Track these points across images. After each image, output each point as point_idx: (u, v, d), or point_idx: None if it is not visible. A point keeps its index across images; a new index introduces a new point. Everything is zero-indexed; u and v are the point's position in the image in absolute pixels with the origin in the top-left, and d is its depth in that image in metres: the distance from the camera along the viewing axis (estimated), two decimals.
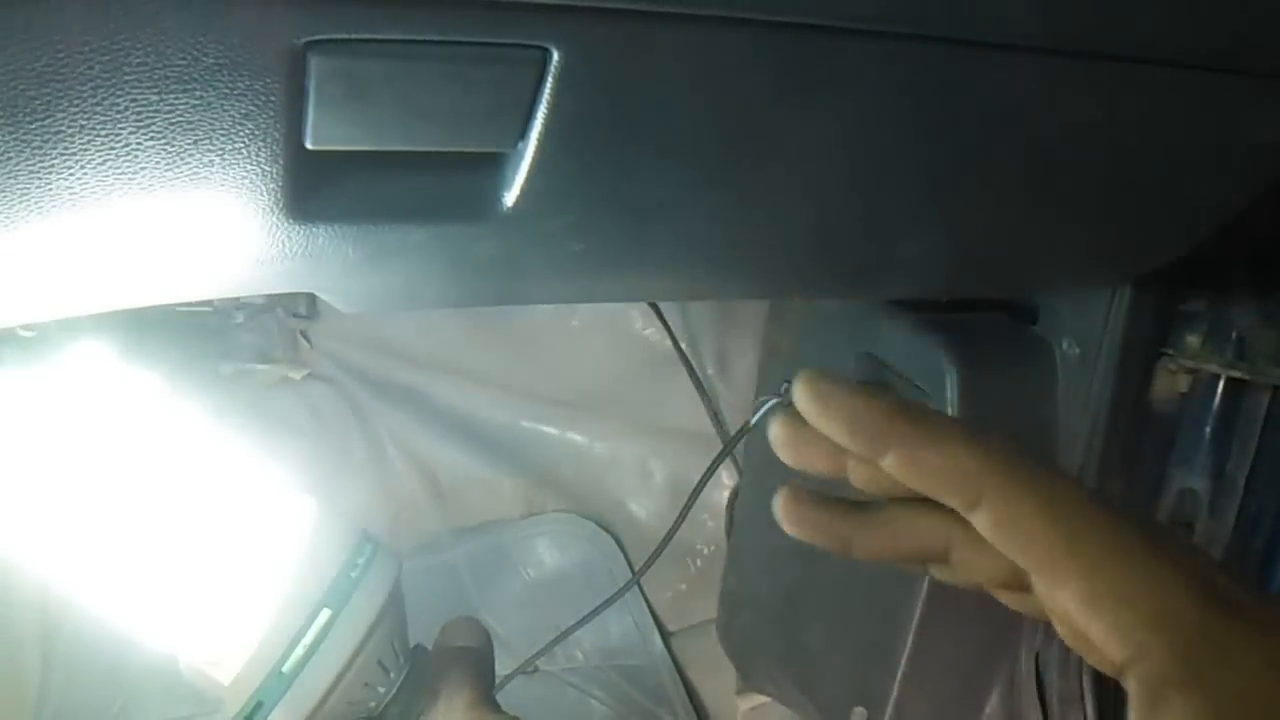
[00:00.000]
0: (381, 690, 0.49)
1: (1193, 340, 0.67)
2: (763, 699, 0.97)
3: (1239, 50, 0.44)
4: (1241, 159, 0.51)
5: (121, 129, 0.31)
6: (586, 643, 1.02)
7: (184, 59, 0.29)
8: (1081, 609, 0.26)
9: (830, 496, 0.31)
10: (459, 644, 0.53)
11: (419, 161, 0.37)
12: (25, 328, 0.45)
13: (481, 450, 1.03)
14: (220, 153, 0.33)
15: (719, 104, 0.39)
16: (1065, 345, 0.68)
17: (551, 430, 1.04)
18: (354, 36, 0.31)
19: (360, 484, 1.01)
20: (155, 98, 0.30)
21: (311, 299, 0.95)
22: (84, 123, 0.30)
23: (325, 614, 0.47)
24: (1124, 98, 0.44)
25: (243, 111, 0.32)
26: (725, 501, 1.01)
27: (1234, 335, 0.66)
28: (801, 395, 0.30)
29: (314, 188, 0.36)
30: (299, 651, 0.46)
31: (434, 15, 0.32)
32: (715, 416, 1.00)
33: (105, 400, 0.46)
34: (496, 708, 0.51)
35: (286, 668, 0.46)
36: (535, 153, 0.37)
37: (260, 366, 0.96)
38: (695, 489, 0.76)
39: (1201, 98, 0.46)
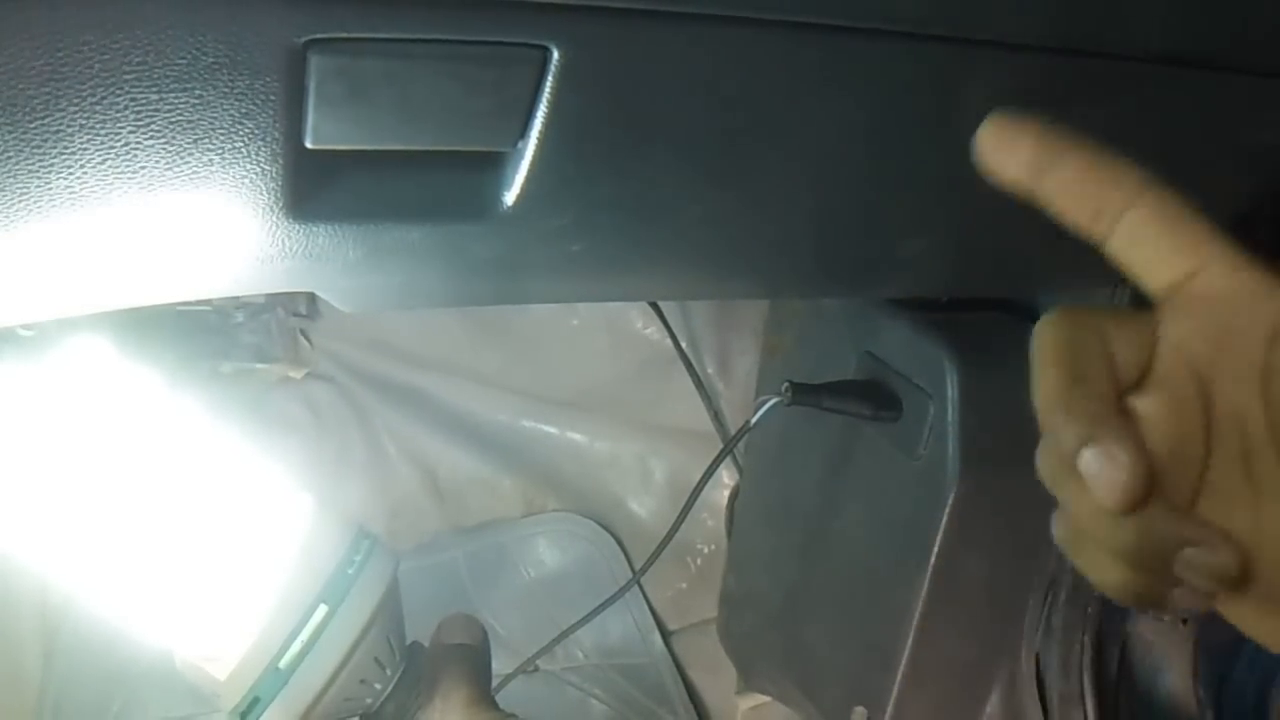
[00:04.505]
0: (378, 687, 0.50)
1: None
2: (763, 699, 0.97)
3: (1241, 50, 0.44)
4: (1243, 159, 0.51)
5: (121, 128, 0.31)
6: (587, 642, 1.02)
7: (184, 58, 0.29)
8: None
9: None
10: (456, 641, 0.53)
11: (419, 161, 0.37)
12: (25, 327, 0.45)
13: (481, 450, 1.03)
14: (220, 152, 0.33)
15: (719, 103, 0.39)
16: None
17: (551, 430, 1.04)
18: (354, 36, 0.31)
19: (360, 483, 1.01)
20: (155, 97, 0.30)
21: (311, 298, 0.95)
22: (84, 122, 0.30)
23: (322, 610, 0.47)
24: (1126, 97, 0.44)
25: (243, 111, 0.32)
26: (725, 501, 1.01)
27: None
28: (984, 138, 0.32)
29: (314, 187, 0.36)
30: (296, 647, 0.46)
31: (434, 15, 0.32)
32: (715, 416, 1.00)
33: (103, 398, 0.46)
34: (493, 705, 0.51)
35: (283, 663, 0.46)
36: (535, 152, 0.37)
37: (260, 366, 0.96)
38: (695, 489, 0.76)
39: (1204, 98, 0.46)
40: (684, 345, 0.97)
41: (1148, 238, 0.30)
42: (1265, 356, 0.29)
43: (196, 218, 0.35)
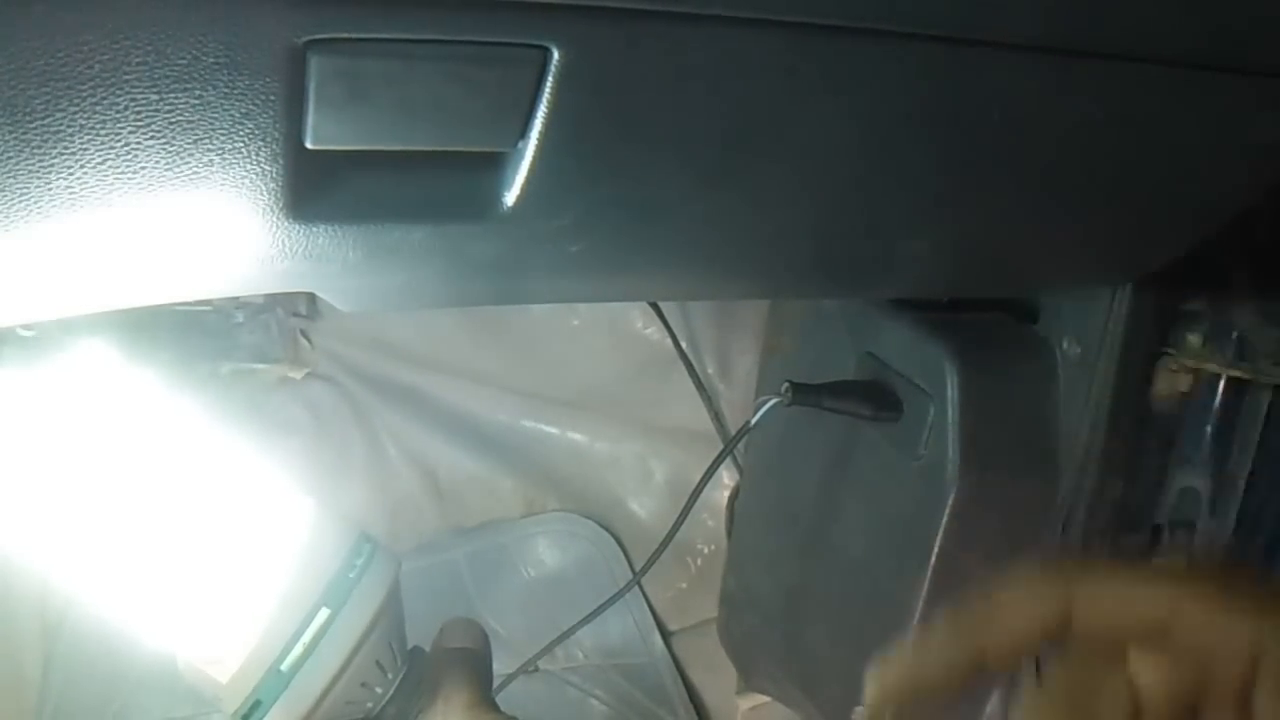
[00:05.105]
0: (379, 690, 0.49)
1: (1193, 340, 0.67)
2: (763, 699, 0.97)
3: (1240, 50, 0.44)
4: (1242, 159, 0.51)
5: (121, 129, 0.31)
6: (587, 642, 1.02)
7: (184, 59, 0.29)
8: None
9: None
10: (457, 645, 0.53)
11: (419, 161, 0.37)
12: (25, 327, 0.45)
13: (481, 450, 1.03)
14: (220, 152, 0.33)
15: (719, 103, 0.39)
16: (1065, 345, 0.68)
17: (551, 430, 1.04)
18: (354, 36, 0.31)
19: (360, 484, 1.01)
20: (155, 97, 0.30)
21: (311, 299, 0.95)
22: (84, 122, 0.30)
23: (324, 613, 0.47)
24: (1125, 97, 0.44)
25: (243, 111, 0.32)
26: (725, 501, 1.01)
27: (1234, 335, 0.66)
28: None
29: (314, 188, 0.36)
30: (297, 650, 0.46)
31: (434, 15, 0.32)
32: (715, 416, 1.00)
33: (104, 399, 0.46)
34: (495, 708, 0.51)
35: (285, 666, 0.46)
36: (535, 153, 0.37)
37: (260, 366, 0.96)
38: (695, 489, 0.76)
39: (1202, 98, 0.46)
40: (684, 345, 0.97)
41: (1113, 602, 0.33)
42: (1243, 680, 0.31)
43: (197, 218, 0.35)
